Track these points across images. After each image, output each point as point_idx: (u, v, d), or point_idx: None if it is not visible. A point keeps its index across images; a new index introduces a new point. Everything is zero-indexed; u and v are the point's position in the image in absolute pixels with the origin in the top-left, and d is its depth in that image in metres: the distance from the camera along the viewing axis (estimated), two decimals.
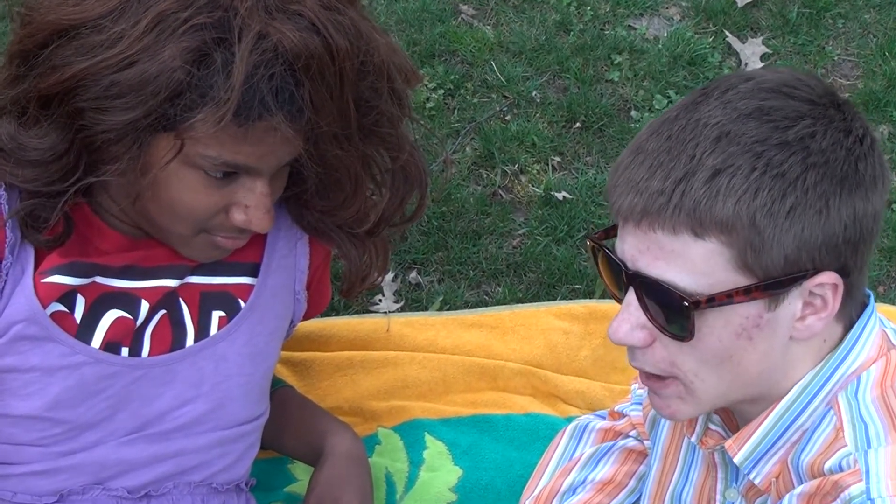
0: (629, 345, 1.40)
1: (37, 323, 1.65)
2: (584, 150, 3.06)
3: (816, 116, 1.33)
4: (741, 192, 1.29)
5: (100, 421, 1.71)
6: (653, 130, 1.37)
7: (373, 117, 1.67)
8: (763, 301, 1.34)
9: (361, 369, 2.36)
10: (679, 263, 1.33)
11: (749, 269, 1.32)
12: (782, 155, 1.30)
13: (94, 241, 1.72)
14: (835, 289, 1.35)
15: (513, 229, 2.86)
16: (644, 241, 1.34)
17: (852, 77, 3.32)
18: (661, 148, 1.34)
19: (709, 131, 1.32)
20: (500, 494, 2.16)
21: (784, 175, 1.30)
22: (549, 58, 3.25)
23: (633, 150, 1.37)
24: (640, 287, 1.36)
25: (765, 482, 1.46)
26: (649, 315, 1.37)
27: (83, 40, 1.52)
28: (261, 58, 1.50)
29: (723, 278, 1.32)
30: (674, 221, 1.31)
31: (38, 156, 1.58)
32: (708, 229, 1.30)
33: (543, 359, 2.43)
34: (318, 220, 1.83)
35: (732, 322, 1.35)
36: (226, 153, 1.56)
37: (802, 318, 1.36)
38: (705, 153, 1.30)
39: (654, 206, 1.32)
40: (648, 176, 1.33)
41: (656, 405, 1.46)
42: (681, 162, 1.31)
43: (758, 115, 1.32)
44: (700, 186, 1.30)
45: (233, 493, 1.87)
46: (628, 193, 1.34)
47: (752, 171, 1.29)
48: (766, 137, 1.30)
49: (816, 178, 1.30)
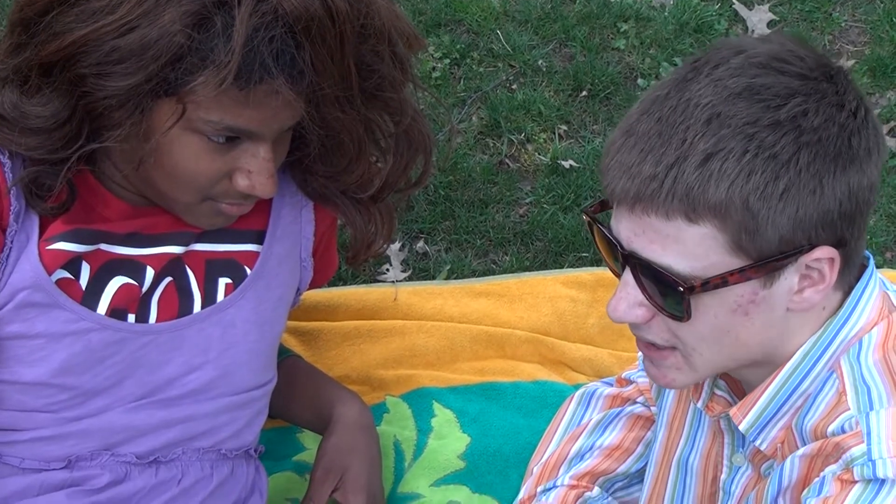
0: (628, 322, 1.41)
1: (42, 290, 1.65)
2: (591, 119, 3.06)
3: (808, 93, 1.31)
4: (734, 175, 1.28)
5: (107, 387, 1.71)
6: (643, 110, 1.36)
7: (374, 81, 1.67)
8: (759, 279, 1.34)
9: (369, 338, 2.37)
10: (673, 248, 1.32)
11: (744, 250, 1.31)
12: (774, 136, 1.29)
13: (98, 208, 1.72)
14: (831, 262, 1.35)
15: (519, 198, 2.86)
16: (639, 224, 1.34)
17: (859, 43, 3.31)
18: (652, 131, 1.32)
19: (699, 113, 1.30)
20: (508, 461, 2.16)
21: (776, 156, 1.29)
22: (555, 26, 3.24)
23: (624, 132, 1.36)
24: (636, 268, 1.36)
25: (770, 447, 1.47)
26: (646, 294, 1.37)
27: (83, 6, 1.52)
28: (261, 20, 1.50)
29: (717, 261, 1.32)
30: (667, 207, 1.30)
31: (40, 123, 1.59)
32: (701, 214, 1.30)
33: (551, 326, 2.43)
34: (323, 185, 1.83)
35: (728, 301, 1.35)
36: (228, 117, 1.56)
37: (800, 292, 1.36)
38: (696, 136, 1.29)
39: (646, 191, 1.31)
40: (640, 160, 1.32)
41: (652, 374, 1.46)
42: (672, 146, 1.30)
43: (748, 95, 1.30)
44: (692, 171, 1.29)
45: (241, 459, 1.87)
46: (621, 178, 1.33)
47: (744, 153, 1.28)
48: (757, 118, 1.29)
49: (809, 157, 1.29)
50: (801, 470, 1.40)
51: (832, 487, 1.33)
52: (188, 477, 1.79)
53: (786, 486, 1.42)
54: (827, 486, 1.33)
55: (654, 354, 1.44)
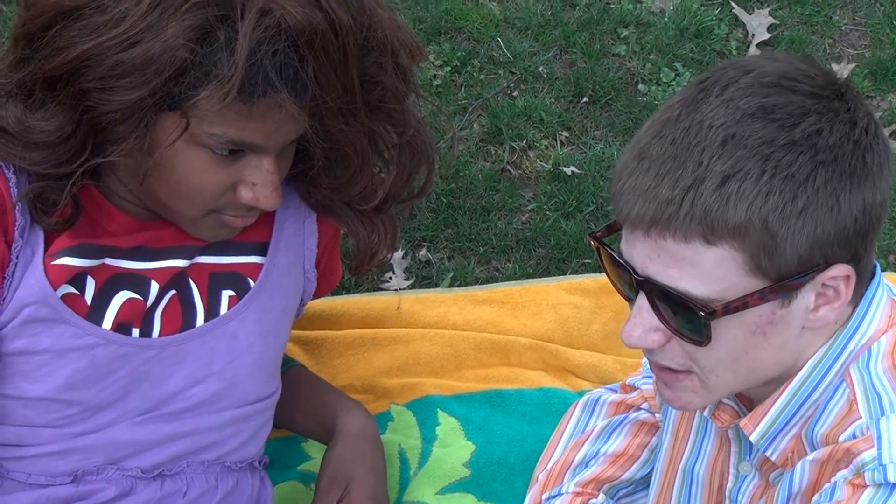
0: (644, 348, 1.40)
1: (48, 305, 1.65)
2: (592, 125, 3.05)
3: (821, 111, 1.31)
4: (752, 196, 1.28)
5: (113, 402, 1.71)
6: (655, 133, 1.35)
7: (378, 93, 1.67)
8: (777, 300, 1.34)
9: (373, 347, 2.36)
10: (691, 271, 1.32)
11: (762, 272, 1.31)
12: (791, 155, 1.29)
13: (103, 222, 1.72)
14: (847, 280, 1.35)
15: (522, 205, 2.86)
16: (654, 248, 1.33)
17: (860, 46, 3.31)
18: (667, 154, 1.32)
19: (714, 134, 1.30)
20: (513, 469, 2.16)
21: (794, 176, 1.29)
22: (556, 33, 3.24)
23: (636, 155, 1.35)
24: (651, 293, 1.36)
25: (781, 458, 1.47)
26: (662, 319, 1.37)
27: (87, 21, 1.53)
28: (264, 34, 1.50)
29: (736, 283, 1.32)
30: (685, 230, 1.30)
31: (45, 138, 1.59)
32: (720, 236, 1.29)
33: (554, 333, 2.43)
34: (326, 197, 1.83)
35: (747, 322, 1.35)
36: (231, 131, 1.56)
37: (816, 310, 1.37)
38: (713, 158, 1.29)
39: (663, 214, 1.30)
40: (656, 184, 1.31)
41: (667, 397, 1.46)
42: (688, 169, 1.30)
43: (762, 115, 1.30)
44: (710, 193, 1.28)
45: (246, 471, 1.87)
46: (636, 202, 1.33)
47: (761, 174, 1.28)
48: (772, 138, 1.29)
49: (826, 175, 1.30)
50: (811, 475, 1.40)
51: (843, 492, 1.33)
52: (193, 490, 1.78)
53: (796, 491, 1.42)
54: (838, 491, 1.34)
55: (669, 377, 1.43)
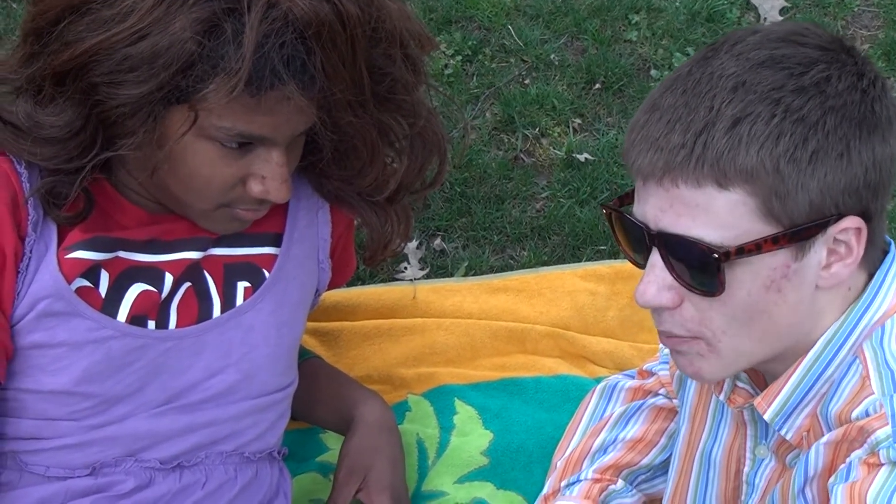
0: (658, 306, 1.39)
1: (62, 298, 1.66)
2: (605, 111, 3.05)
3: (829, 61, 1.33)
4: (763, 138, 1.29)
5: (130, 394, 1.72)
6: (666, 87, 1.37)
7: (387, 84, 1.67)
8: (790, 250, 1.33)
9: (389, 337, 2.37)
10: (704, 218, 1.32)
11: (774, 217, 1.32)
12: (800, 100, 1.30)
13: (116, 216, 1.73)
14: (858, 233, 1.35)
15: (535, 193, 2.86)
16: (666, 198, 1.34)
17: (872, 27, 3.30)
18: (678, 103, 1.33)
19: (724, 82, 1.31)
20: (531, 456, 2.16)
21: (804, 119, 1.30)
22: (567, 20, 3.24)
23: (648, 109, 1.37)
24: (664, 246, 1.36)
25: (796, 437, 1.46)
26: (675, 274, 1.37)
27: (95, 15, 1.53)
28: (271, 27, 1.50)
29: (748, 228, 1.32)
30: (697, 174, 1.31)
31: (55, 133, 1.59)
32: (732, 179, 1.30)
33: (570, 320, 2.43)
34: (338, 188, 1.84)
35: (761, 274, 1.34)
36: (240, 123, 1.57)
37: (828, 266, 1.36)
38: (724, 103, 1.30)
39: (675, 160, 1.31)
40: (668, 131, 1.32)
41: (681, 364, 1.45)
42: (699, 114, 1.31)
43: (771, 64, 1.32)
44: (721, 136, 1.29)
45: (265, 461, 1.87)
46: (648, 151, 1.33)
47: (771, 117, 1.29)
48: (782, 84, 1.30)
49: (836, 120, 1.31)
50: (826, 457, 1.39)
51: (858, 472, 1.32)
52: (212, 481, 1.79)
53: (812, 475, 1.41)
54: (854, 471, 1.33)
55: (676, 342, 1.43)
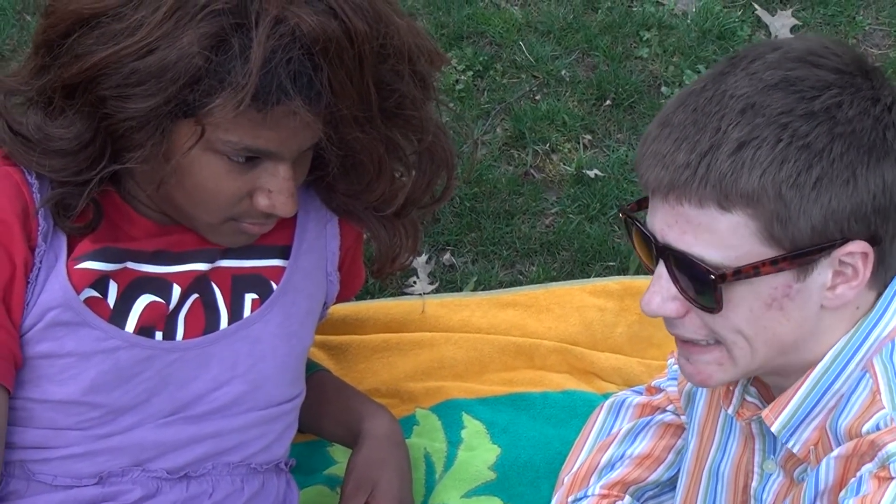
0: (662, 316, 1.41)
1: (71, 309, 1.67)
2: (615, 128, 3.05)
3: (843, 86, 1.32)
4: (766, 164, 1.29)
5: (137, 404, 1.72)
6: (680, 102, 1.37)
7: (395, 100, 1.67)
8: (792, 271, 1.34)
9: (397, 351, 2.37)
10: (706, 237, 1.33)
11: (776, 240, 1.32)
12: (808, 126, 1.30)
13: (125, 227, 1.74)
14: (865, 258, 1.34)
15: (545, 208, 2.86)
16: (672, 214, 1.35)
17: (884, 46, 3.30)
18: (687, 120, 1.34)
19: (734, 103, 1.32)
20: (538, 472, 2.16)
21: (810, 146, 1.29)
22: (578, 36, 3.24)
23: (659, 123, 1.38)
24: (669, 260, 1.37)
25: (803, 450, 1.46)
26: (679, 287, 1.38)
27: (104, 28, 1.54)
28: (278, 42, 1.51)
29: (750, 250, 1.33)
30: (700, 194, 1.31)
31: (64, 145, 1.61)
32: (734, 202, 1.30)
33: (579, 336, 2.42)
34: (346, 202, 1.84)
35: (762, 293, 1.35)
36: (246, 138, 1.58)
37: (833, 288, 1.36)
38: (731, 125, 1.31)
39: (680, 179, 1.32)
40: (674, 149, 1.33)
41: (688, 372, 1.46)
42: (706, 135, 1.32)
43: (784, 86, 1.31)
44: (725, 159, 1.30)
45: (272, 473, 1.88)
46: (655, 166, 1.35)
47: (777, 142, 1.29)
48: (791, 108, 1.30)
49: (843, 148, 1.30)
50: (837, 471, 1.39)
51: (869, 486, 1.32)
52: (219, 491, 1.79)
53: (822, 489, 1.41)
54: (864, 485, 1.33)
55: (693, 350, 1.43)
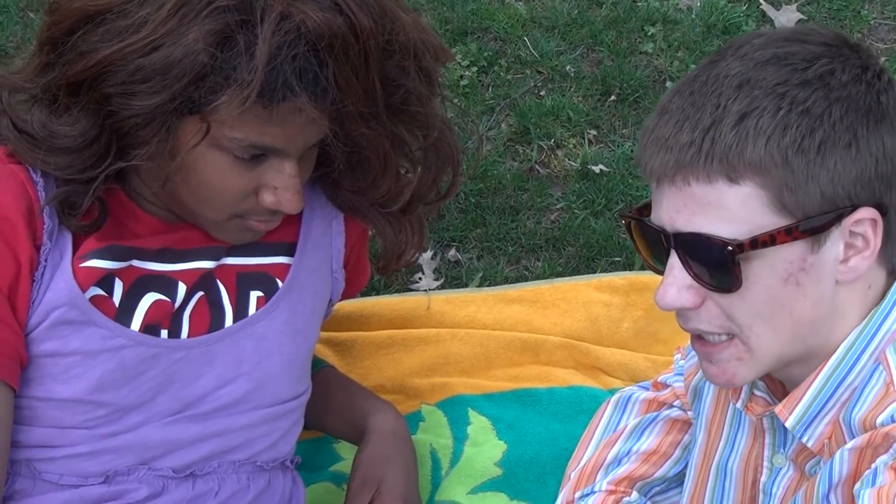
0: (679, 308, 1.41)
1: (76, 307, 1.66)
2: (620, 123, 3.05)
3: (832, 56, 1.35)
4: (770, 131, 1.31)
5: (142, 403, 1.72)
6: (675, 92, 1.40)
7: (400, 96, 1.67)
8: (805, 243, 1.35)
9: (403, 347, 2.37)
10: (717, 214, 1.34)
11: (787, 209, 1.33)
12: (805, 92, 1.32)
13: (130, 224, 1.73)
14: (874, 224, 1.36)
15: (550, 204, 2.86)
16: (680, 197, 1.36)
17: (889, 41, 3.29)
18: (686, 103, 1.36)
19: (730, 81, 1.34)
20: (545, 468, 2.16)
21: (809, 111, 1.32)
22: (583, 31, 3.24)
23: (657, 113, 1.40)
24: (681, 246, 1.37)
25: (818, 444, 1.46)
26: (693, 274, 1.38)
27: (109, 25, 1.54)
28: (284, 38, 1.51)
29: (762, 222, 1.34)
30: (707, 169, 1.33)
31: (69, 143, 1.60)
32: (742, 173, 1.32)
33: (585, 332, 2.43)
34: (352, 198, 1.84)
35: (778, 268, 1.35)
36: (252, 135, 1.57)
37: (846, 260, 1.37)
38: (730, 100, 1.33)
39: (685, 157, 1.34)
40: (676, 131, 1.35)
41: (711, 374, 1.45)
42: (706, 112, 1.34)
43: (775, 61, 1.34)
44: (728, 131, 1.32)
45: (278, 470, 1.87)
46: (659, 151, 1.36)
47: (777, 110, 1.32)
48: (786, 79, 1.33)
49: (841, 111, 1.33)
50: (851, 464, 1.39)
51: (885, 477, 1.32)
52: (225, 489, 1.79)
53: (836, 481, 1.41)
54: (880, 477, 1.32)
55: (711, 349, 1.43)
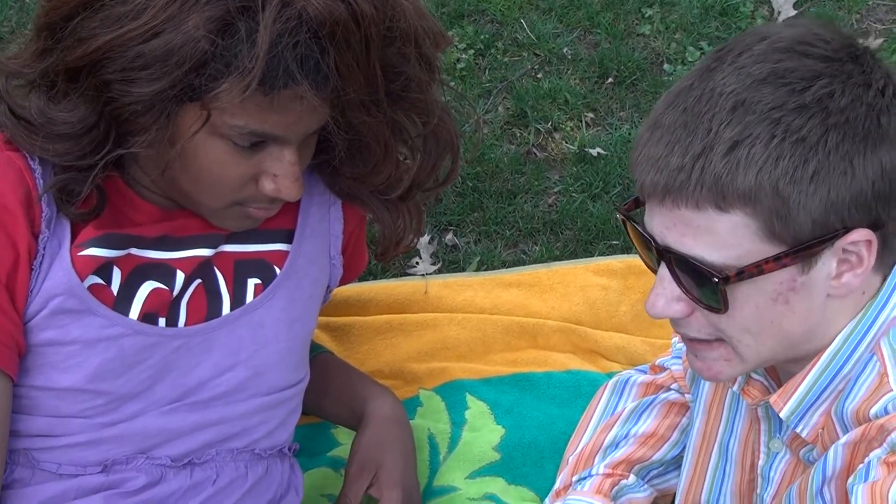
0: (668, 318, 1.40)
1: (75, 296, 1.66)
2: (618, 105, 3.04)
3: (833, 74, 1.30)
4: (762, 161, 1.28)
5: (141, 391, 1.72)
6: (668, 103, 1.36)
7: (401, 83, 1.66)
8: (796, 266, 1.33)
9: (401, 332, 2.37)
10: (706, 239, 1.32)
11: (777, 237, 1.31)
12: (801, 119, 1.28)
13: (128, 212, 1.73)
14: (868, 245, 1.34)
15: (548, 187, 2.85)
16: (670, 217, 1.34)
17: (888, 21, 3.28)
18: (678, 122, 1.32)
19: (724, 101, 1.30)
20: (543, 452, 2.16)
21: (804, 140, 1.28)
22: (580, 13, 3.23)
23: (650, 126, 1.37)
24: (670, 262, 1.37)
25: (812, 434, 1.46)
26: (683, 288, 1.37)
27: (108, 11, 1.53)
28: (285, 26, 1.50)
29: (751, 249, 1.32)
30: (696, 197, 1.30)
31: (67, 129, 1.59)
32: (731, 202, 1.29)
33: (583, 315, 2.42)
34: (351, 185, 1.84)
35: (767, 289, 1.34)
36: (252, 122, 1.56)
37: (838, 277, 1.36)
38: (722, 125, 1.29)
39: (675, 183, 1.31)
40: (667, 153, 1.32)
41: (697, 367, 1.45)
42: (698, 136, 1.30)
43: (772, 80, 1.30)
44: (719, 160, 1.29)
45: (276, 458, 1.87)
46: (649, 171, 1.34)
47: (770, 138, 1.28)
48: (782, 102, 1.29)
49: (838, 138, 1.29)
50: (844, 458, 1.39)
51: (878, 471, 1.32)
52: (223, 477, 1.79)
53: (830, 475, 1.41)
54: (873, 471, 1.32)
55: (700, 346, 1.43)
